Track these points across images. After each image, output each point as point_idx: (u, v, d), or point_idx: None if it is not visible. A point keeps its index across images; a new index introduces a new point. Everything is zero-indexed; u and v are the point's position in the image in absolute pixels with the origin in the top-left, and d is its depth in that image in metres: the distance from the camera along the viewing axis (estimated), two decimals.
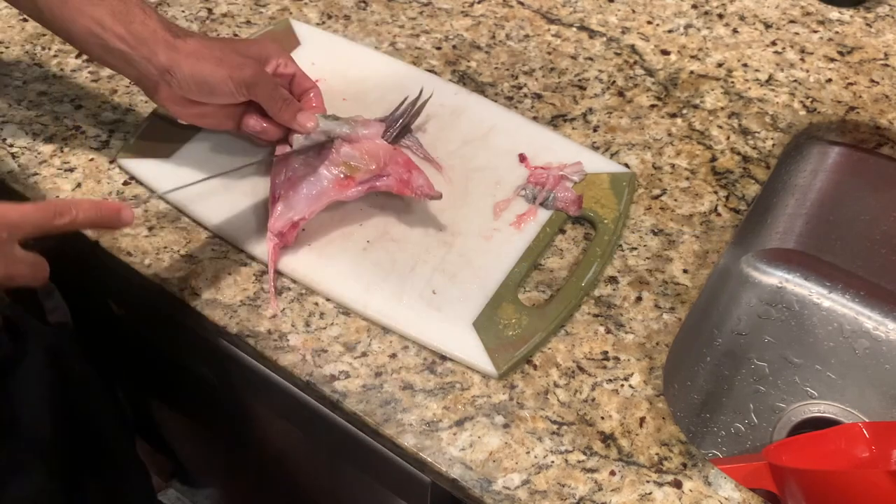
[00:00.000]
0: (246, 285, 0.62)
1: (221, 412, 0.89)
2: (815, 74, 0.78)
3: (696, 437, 0.79)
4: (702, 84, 0.77)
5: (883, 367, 0.83)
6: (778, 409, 0.81)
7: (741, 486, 0.53)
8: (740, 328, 0.86)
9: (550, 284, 0.62)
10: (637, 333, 0.60)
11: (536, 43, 0.81)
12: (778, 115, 0.74)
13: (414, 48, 0.80)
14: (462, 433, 0.55)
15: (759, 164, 0.71)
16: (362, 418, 0.56)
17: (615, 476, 0.53)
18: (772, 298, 0.87)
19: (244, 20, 0.82)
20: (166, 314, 0.67)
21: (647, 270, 0.64)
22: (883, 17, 0.83)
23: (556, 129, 0.73)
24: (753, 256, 0.87)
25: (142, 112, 0.73)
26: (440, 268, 0.62)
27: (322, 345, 0.59)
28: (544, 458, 0.54)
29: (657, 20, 0.83)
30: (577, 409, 0.56)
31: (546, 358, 0.59)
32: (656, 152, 0.71)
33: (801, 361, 0.84)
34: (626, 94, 0.76)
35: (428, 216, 0.65)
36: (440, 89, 0.75)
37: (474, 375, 0.58)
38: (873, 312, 0.85)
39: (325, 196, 0.62)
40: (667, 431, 0.55)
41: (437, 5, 0.84)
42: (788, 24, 0.83)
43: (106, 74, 0.76)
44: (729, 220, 0.67)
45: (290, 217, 0.61)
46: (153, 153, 0.69)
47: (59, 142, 0.71)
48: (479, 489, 0.53)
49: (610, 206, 0.66)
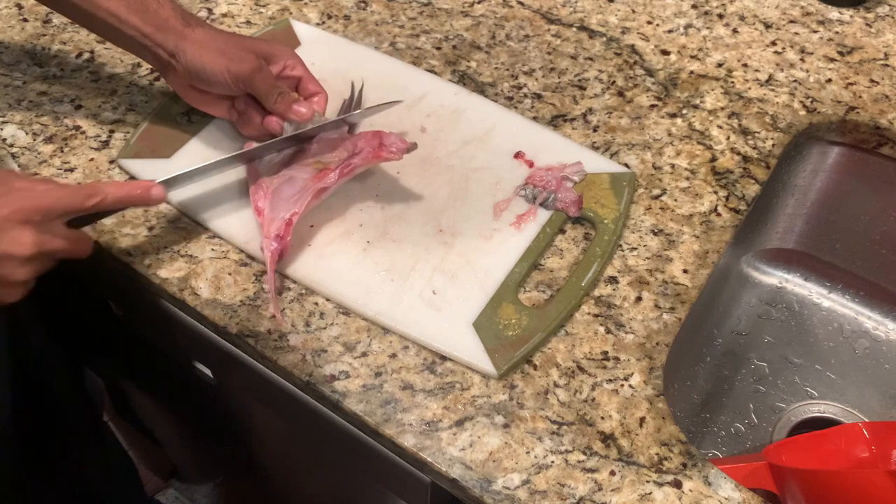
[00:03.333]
0: (246, 285, 0.62)
1: (221, 412, 0.89)
2: (815, 74, 0.78)
3: (696, 437, 0.79)
4: (702, 84, 0.77)
5: (883, 367, 0.83)
6: (778, 409, 0.81)
7: (741, 486, 0.53)
8: (740, 328, 0.86)
9: (550, 284, 0.62)
10: (637, 333, 0.60)
11: (536, 43, 0.81)
12: (778, 115, 0.74)
13: (414, 48, 0.80)
14: (462, 433, 0.55)
15: (759, 164, 0.71)
16: (362, 418, 0.56)
17: (615, 476, 0.53)
18: (772, 298, 0.87)
19: (244, 20, 0.82)
20: (166, 314, 0.67)
21: (647, 270, 0.64)
22: (883, 17, 0.83)
23: (556, 129, 0.73)
24: (753, 256, 0.87)
25: (142, 112, 0.73)
26: (440, 268, 0.62)
27: (322, 345, 0.59)
28: (544, 458, 0.54)
29: (657, 20, 0.83)
30: (577, 409, 0.56)
31: (546, 358, 0.59)
32: (656, 152, 0.71)
33: (801, 361, 0.84)
34: (626, 94, 0.76)
35: (428, 216, 0.65)
36: (440, 89, 0.75)
37: (474, 375, 0.58)
38: (873, 312, 0.85)
39: (307, 190, 0.62)
40: (667, 431, 0.55)
41: (437, 5, 0.84)
42: (788, 24, 0.83)
43: (106, 74, 0.76)
44: (729, 220, 0.67)
45: (283, 217, 0.61)
46: (153, 153, 0.69)
47: (59, 142, 0.71)
48: (479, 489, 0.53)
49: (610, 206, 0.66)
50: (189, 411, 1.02)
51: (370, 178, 0.68)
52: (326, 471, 0.83)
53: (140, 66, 0.77)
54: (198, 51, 0.61)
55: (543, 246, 0.64)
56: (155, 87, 0.75)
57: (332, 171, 0.63)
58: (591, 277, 0.62)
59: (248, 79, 0.62)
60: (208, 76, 0.62)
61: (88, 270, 0.75)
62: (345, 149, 0.64)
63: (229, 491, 1.26)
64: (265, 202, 0.62)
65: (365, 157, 0.63)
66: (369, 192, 0.67)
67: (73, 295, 0.89)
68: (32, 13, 0.82)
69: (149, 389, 1.06)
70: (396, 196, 0.67)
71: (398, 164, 0.68)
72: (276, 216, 0.61)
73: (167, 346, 0.80)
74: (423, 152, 0.70)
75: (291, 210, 0.61)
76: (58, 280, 0.80)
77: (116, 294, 0.79)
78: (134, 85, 0.76)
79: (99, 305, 0.84)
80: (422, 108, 0.73)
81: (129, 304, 0.79)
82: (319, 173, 0.63)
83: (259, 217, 0.62)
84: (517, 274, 0.62)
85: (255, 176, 0.64)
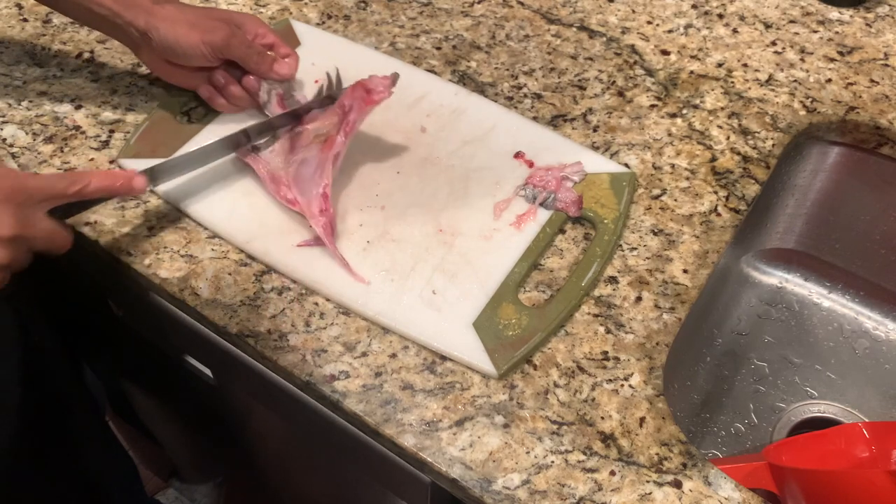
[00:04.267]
0: (246, 285, 0.62)
1: (221, 412, 0.89)
2: (815, 74, 0.78)
3: (696, 437, 0.79)
4: (702, 84, 0.77)
5: (883, 367, 0.83)
6: (778, 409, 0.81)
7: (741, 486, 0.53)
8: (740, 328, 0.86)
9: (550, 284, 0.62)
10: (637, 333, 0.60)
11: (536, 43, 0.81)
12: (778, 115, 0.74)
13: (414, 48, 0.80)
14: (462, 433, 0.55)
15: (759, 164, 0.71)
16: (362, 418, 0.56)
17: (615, 476, 0.53)
18: (772, 298, 0.87)
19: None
20: (166, 314, 0.67)
21: (647, 270, 0.64)
22: (883, 17, 0.83)
23: (556, 129, 0.73)
24: (753, 256, 0.87)
25: (142, 112, 0.73)
26: (440, 268, 0.62)
27: (322, 345, 0.59)
28: (544, 458, 0.54)
29: (657, 20, 0.83)
30: (577, 409, 0.56)
31: (546, 358, 0.59)
32: (656, 152, 0.71)
33: (801, 361, 0.84)
34: (626, 94, 0.76)
35: (428, 216, 0.65)
36: (440, 89, 0.75)
37: (474, 375, 0.58)
38: (873, 312, 0.85)
39: (325, 161, 0.63)
40: (667, 431, 0.55)
41: (437, 5, 0.84)
42: (788, 24, 0.83)
43: (106, 74, 0.76)
44: (729, 220, 0.67)
45: (316, 193, 0.62)
46: (153, 153, 0.69)
47: (59, 142, 0.71)
48: (479, 489, 0.53)
49: (610, 206, 0.66)
50: (189, 411, 1.02)
51: (370, 177, 0.68)
52: (326, 471, 0.83)
53: (140, 65, 0.77)
54: (170, 27, 0.63)
55: (543, 246, 0.64)
56: (155, 87, 0.75)
57: (336, 135, 0.64)
58: (591, 277, 0.62)
59: (224, 46, 0.65)
60: (184, 50, 0.64)
61: (89, 270, 0.75)
62: (334, 114, 0.66)
63: (229, 491, 1.26)
64: (293, 192, 0.64)
65: (359, 109, 0.64)
66: (369, 191, 0.67)
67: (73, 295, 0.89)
68: (32, 13, 0.82)
69: (149, 389, 1.06)
70: (396, 196, 0.67)
71: (398, 163, 0.69)
72: (310, 197, 0.62)
73: (167, 346, 0.80)
74: (423, 152, 0.70)
75: (322, 184, 0.62)
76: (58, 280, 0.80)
77: (116, 294, 0.79)
78: (134, 85, 0.76)
79: (99, 305, 0.84)
80: (422, 108, 0.73)
81: (129, 304, 0.79)
82: (325, 143, 0.64)
83: (295, 206, 0.63)
84: (517, 274, 0.62)
85: (270, 175, 0.65)
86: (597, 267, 0.62)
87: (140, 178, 0.59)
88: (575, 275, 0.62)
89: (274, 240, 0.63)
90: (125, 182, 0.58)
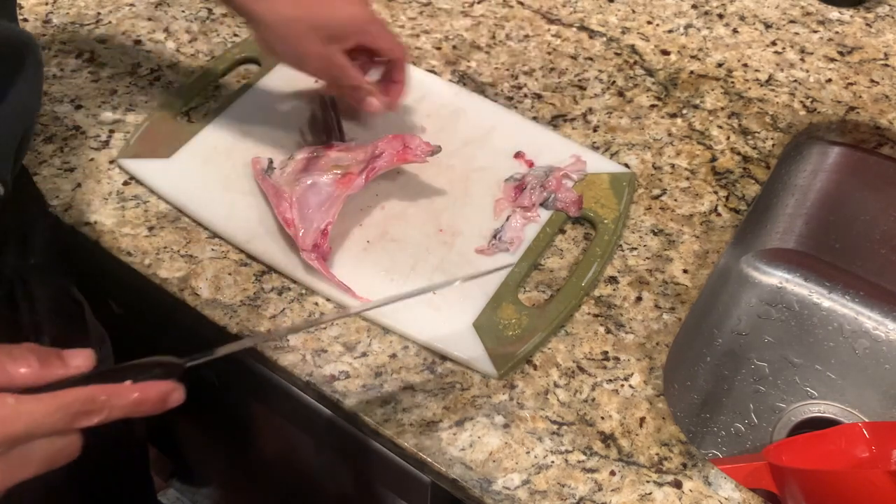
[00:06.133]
0: (246, 285, 0.62)
1: (221, 412, 0.89)
2: (815, 74, 0.78)
3: (696, 437, 0.79)
4: (702, 84, 0.77)
5: (883, 367, 0.83)
6: (778, 409, 0.81)
7: (741, 486, 0.53)
8: (740, 328, 0.86)
9: (550, 284, 0.62)
10: (637, 333, 0.60)
11: (536, 43, 0.81)
12: (778, 115, 0.74)
13: (414, 48, 0.80)
14: (462, 433, 0.55)
15: (759, 164, 0.71)
16: (362, 418, 0.56)
17: (615, 476, 0.53)
18: (772, 298, 0.87)
19: (244, 20, 0.82)
20: (166, 314, 0.67)
21: (647, 270, 0.64)
22: (883, 17, 0.83)
23: (556, 129, 0.73)
24: (753, 256, 0.87)
25: (142, 112, 0.73)
26: (440, 268, 0.62)
27: (322, 345, 0.59)
28: (544, 458, 0.54)
29: (657, 20, 0.83)
30: (577, 409, 0.56)
31: (546, 358, 0.59)
32: (656, 152, 0.71)
33: (801, 361, 0.84)
34: (626, 94, 0.76)
35: (428, 216, 0.65)
36: (440, 89, 0.75)
37: (474, 375, 0.58)
38: (873, 312, 0.85)
39: (336, 197, 0.62)
40: (667, 431, 0.55)
41: (437, 5, 0.84)
42: (788, 24, 0.83)
43: (106, 75, 0.76)
44: (729, 220, 0.67)
45: (317, 228, 0.61)
46: (153, 153, 0.69)
47: (59, 142, 0.71)
48: (479, 489, 0.53)
49: (610, 206, 0.66)
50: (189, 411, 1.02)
51: None
52: (326, 471, 0.83)
53: (140, 65, 0.77)
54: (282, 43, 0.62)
55: (543, 246, 0.64)
56: (155, 87, 0.75)
57: (358, 175, 0.62)
58: (591, 277, 0.62)
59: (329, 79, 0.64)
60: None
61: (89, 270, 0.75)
62: (362, 150, 0.64)
63: (229, 491, 1.26)
64: (293, 212, 0.62)
65: (389, 160, 0.63)
66: (369, 191, 0.67)
67: None
68: (32, 13, 0.82)
69: None
70: (396, 196, 0.67)
71: None
72: (307, 227, 0.61)
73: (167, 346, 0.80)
74: None
75: (325, 220, 0.61)
76: None
77: (117, 294, 0.79)
78: (134, 85, 0.76)
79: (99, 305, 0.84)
80: (422, 108, 0.73)
81: (129, 303, 0.79)
82: (344, 178, 0.62)
83: (289, 228, 0.61)
84: (517, 274, 0.62)
85: (274, 188, 0.64)
86: (597, 267, 0.62)
87: (179, 393, 0.47)
88: (575, 275, 0.62)
89: (274, 240, 0.63)
90: (157, 400, 0.45)
